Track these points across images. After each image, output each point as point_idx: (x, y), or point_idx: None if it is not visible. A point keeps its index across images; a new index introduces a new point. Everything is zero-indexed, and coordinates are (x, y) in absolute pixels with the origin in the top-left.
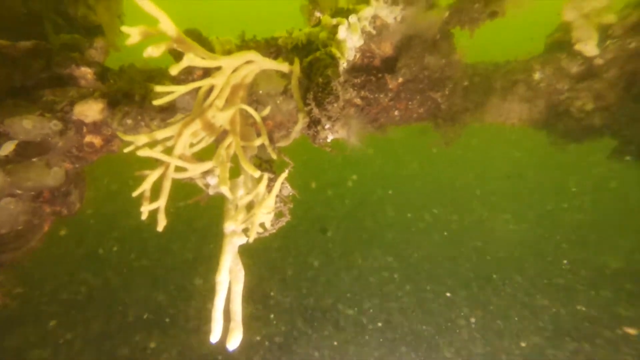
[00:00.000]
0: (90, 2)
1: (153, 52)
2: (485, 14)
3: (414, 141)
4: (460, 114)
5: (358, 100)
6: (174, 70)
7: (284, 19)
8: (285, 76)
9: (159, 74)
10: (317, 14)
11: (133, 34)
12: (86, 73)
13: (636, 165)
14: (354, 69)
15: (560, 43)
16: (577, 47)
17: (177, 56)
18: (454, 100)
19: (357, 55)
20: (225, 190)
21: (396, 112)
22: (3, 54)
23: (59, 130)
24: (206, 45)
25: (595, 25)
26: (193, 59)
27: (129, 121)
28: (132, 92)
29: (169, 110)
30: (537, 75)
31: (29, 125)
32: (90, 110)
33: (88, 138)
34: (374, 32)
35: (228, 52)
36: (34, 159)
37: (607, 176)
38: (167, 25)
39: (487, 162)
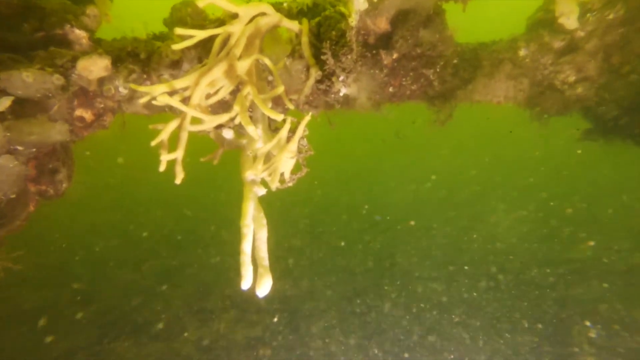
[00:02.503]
0: None
1: None
2: None
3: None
4: (451, 92)
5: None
6: (201, 3)
7: None
8: (290, 41)
9: (161, 37)
10: None
11: None
12: (81, 37)
13: (607, 146)
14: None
15: (542, 22)
16: (560, 20)
17: (171, 25)
18: (445, 77)
19: (354, 32)
20: (251, 130)
21: (390, 89)
22: None
23: (60, 85)
24: (201, 17)
25: (576, 0)
26: None
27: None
28: (137, 50)
29: (176, 68)
30: (522, 52)
31: (29, 79)
32: (95, 66)
33: (78, 112)
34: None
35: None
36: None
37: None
38: None
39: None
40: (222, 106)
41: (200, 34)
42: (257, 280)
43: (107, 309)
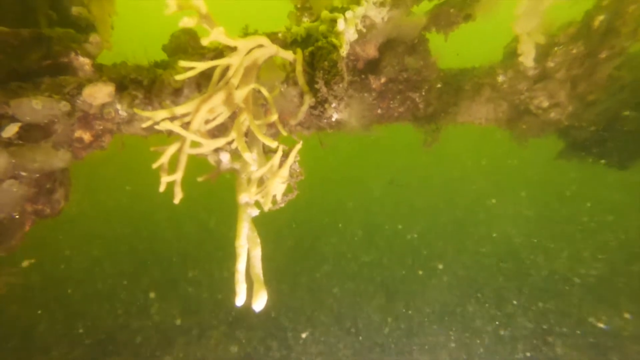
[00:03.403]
0: (84, 0)
1: (188, 22)
2: (460, 17)
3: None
4: (437, 114)
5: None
6: (205, 41)
7: (271, 23)
8: (284, 68)
9: (162, 65)
10: (305, 20)
11: (170, 4)
12: (85, 64)
13: (582, 164)
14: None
15: (516, 51)
16: (520, 59)
17: (171, 52)
18: (430, 100)
19: (344, 61)
20: (247, 156)
21: (379, 111)
22: (2, 41)
23: (67, 112)
24: (199, 45)
25: (534, 42)
26: (219, 33)
27: (137, 104)
28: (139, 77)
29: (177, 95)
30: (500, 78)
31: (38, 106)
32: (100, 93)
33: (78, 133)
34: (364, 30)
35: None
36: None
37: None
38: (199, 2)
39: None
40: (219, 129)
41: (201, 66)
42: (253, 295)
43: (92, 326)
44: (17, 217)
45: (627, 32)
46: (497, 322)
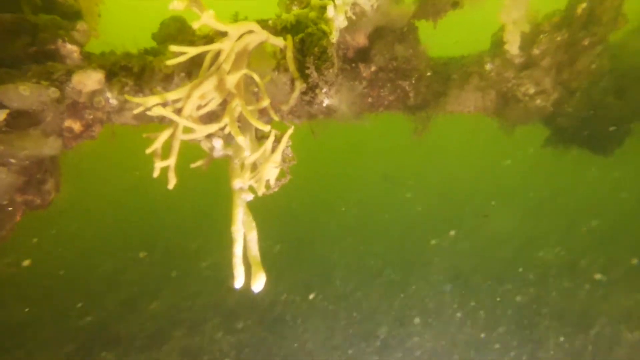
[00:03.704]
0: None
1: (178, 5)
2: (448, 5)
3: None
4: (426, 102)
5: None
6: (196, 25)
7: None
8: (274, 55)
9: (152, 52)
10: (295, 8)
11: None
12: (73, 51)
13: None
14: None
15: (503, 40)
16: (505, 47)
17: (160, 40)
18: (420, 88)
19: (334, 48)
20: (241, 140)
21: (369, 99)
22: None
23: (56, 98)
24: (189, 33)
25: (519, 31)
26: (209, 17)
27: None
28: (129, 64)
29: (168, 81)
30: (488, 66)
31: (26, 92)
32: (89, 80)
33: (67, 122)
34: (354, 17)
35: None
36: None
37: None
38: None
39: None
40: (210, 117)
41: (192, 51)
42: (252, 277)
43: (86, 318)
44: (6, 204)
45: (607, 20)
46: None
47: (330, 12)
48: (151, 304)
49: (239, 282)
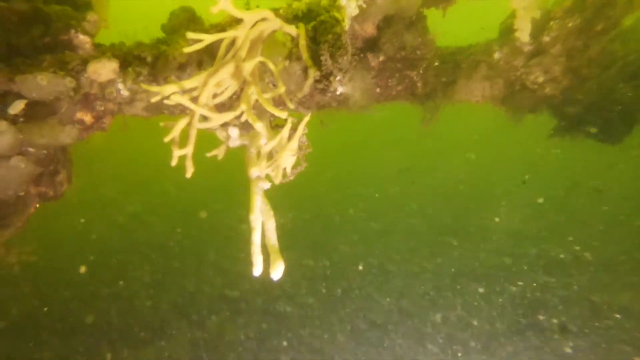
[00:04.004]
0: None
1: None
2: None
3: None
4: (434, 92)
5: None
6: (215, 10)
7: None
8: (285, 44)
9: (165, 41)
10: None
11: None
12: (85, 42)
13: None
14: None
15: (513, 27)
16: (516, 34)
17: (170, 30)
18: (428, 78)
19: (347, 35)
20: (259, 126)
21: (378, 90)
22: (0, 16)
23: (72, 88)
24: (199, 23)
25: (530, 17)
26: (226, 3)
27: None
28: (143, 54)
29: (181, 70)
30: (496, 55)
31: (43, 82)
32: (104, 69)
33: (79, 114)
34: (364, 5)
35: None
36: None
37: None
38: None
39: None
40: (220, 108)
41: (209, 38)
42: (271, 265)
43: (87, 312)
44: (22, 196)
45: (623, 2)
46: None
47: (342, 0)
48: (154, 296)
49: (257, 270)
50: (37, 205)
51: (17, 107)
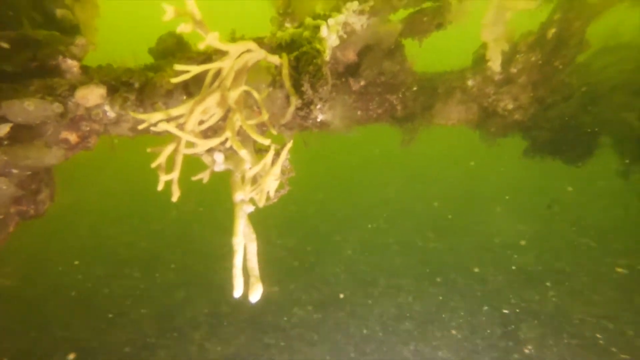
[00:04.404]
0: (68, 2)
1: (185, 28)
2: (433, 25)
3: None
4: (413, 115)
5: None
6: (202, 45)
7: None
8: (269, 71)
9: (152, 68)
10: (287, 25)
11: (169, 11)
12: (73, 66)
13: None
14: None
15: (484, 56)
16: (489, 63)
17: (158, 55)
18: (407, 102)
19: (328, 66)
20: (244, 153)
21: (359, 112)
22: None
23: (60, 113)
24: (186, 48)
25: (500, 49)
26: (214, 39)
27: (129, 106)
28: (131, 80)
29: (168, 97)
30: (470, 82)
31: (31, 107)
32: (92, 95)
33: (64, 134)
34: (345, 36)
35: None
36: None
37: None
38: (194, 10)
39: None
40: (205, 134)
41: (195, 69)
42: (250, 288)
43: (69, 333)
44: (1, 218)
45: (574, 44)
46: None
47: (323, 31)
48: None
49: (237, 292)
50: (16, 224)
51: (2, 130)
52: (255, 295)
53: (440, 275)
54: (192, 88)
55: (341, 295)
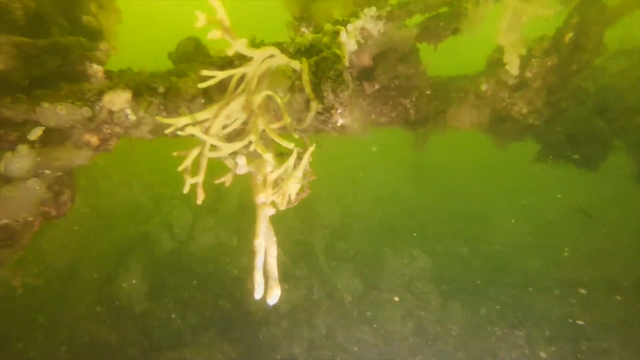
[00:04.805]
0: (92, 9)
1: (216, 34)
2: (449, 30)
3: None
4: (426, 118)
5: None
6: (230, 52)
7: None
8: (288, 77)
9: (175, 73)
10: (303, 29)
11: (200, 18)
12: (98, 71)
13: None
14: None
15: (498, 61)
16: (506, 67)
17: (177, 59)
18: (420, 106)
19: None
20: (268, 156)
21: (373, 116)
22: (22, 51)
23: (88, 117)
24: (203, 52)
25: (517, 53)
26: (242, 45)
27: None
28: (155, 84)
29: (192, 101)
30: (483, 87)
31: (62, 112)
32: (119, 99)
33: (86, 137)
34: (362, 41)
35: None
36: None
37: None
38: (224, 18)
39: None
40: (231, 135)
41: (221, 74)
42: (267, 291)
43: (77, 331)
44: (30, 219)
45: (591, 48)
46: None
47: (343, 37)
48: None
49: (258, 293)
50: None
51: (35, 133)
52: (274, 298)
53: None
54: (212, 92)
55: None
